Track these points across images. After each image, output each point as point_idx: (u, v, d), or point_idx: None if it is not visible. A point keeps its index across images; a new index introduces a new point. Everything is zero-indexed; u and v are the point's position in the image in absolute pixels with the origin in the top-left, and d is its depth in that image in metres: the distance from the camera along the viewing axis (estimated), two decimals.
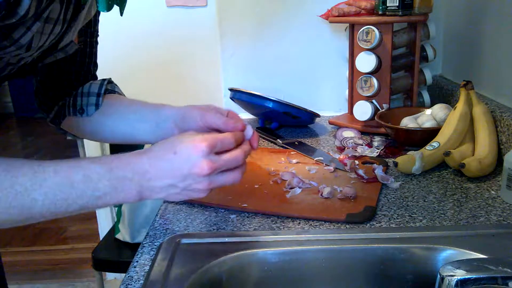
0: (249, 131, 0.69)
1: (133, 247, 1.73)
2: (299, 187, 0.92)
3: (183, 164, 0.60)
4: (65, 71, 0.85)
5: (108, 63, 0.95)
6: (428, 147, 1.02)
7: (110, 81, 0.90)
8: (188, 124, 0.74)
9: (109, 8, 0.68)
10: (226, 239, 0.74)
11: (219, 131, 0.69)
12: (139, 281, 0.66)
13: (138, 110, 0.83)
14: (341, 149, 1.14)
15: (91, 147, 2.30)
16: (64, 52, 0.76)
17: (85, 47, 0.85)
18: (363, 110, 1.25)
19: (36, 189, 0.56)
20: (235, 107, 1.42)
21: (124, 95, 0.91)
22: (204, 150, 0.59)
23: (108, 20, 0.92)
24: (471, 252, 0.69)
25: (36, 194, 0.56)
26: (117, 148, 1.98)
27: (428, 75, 1.34)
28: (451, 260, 0.60)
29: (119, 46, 2.14)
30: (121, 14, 0.75)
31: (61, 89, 0.86)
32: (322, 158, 1.08)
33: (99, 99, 0.84)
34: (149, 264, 0.70)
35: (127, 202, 0.62)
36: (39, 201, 0.56)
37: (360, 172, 0.97)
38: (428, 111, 1.19)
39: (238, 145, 0.64)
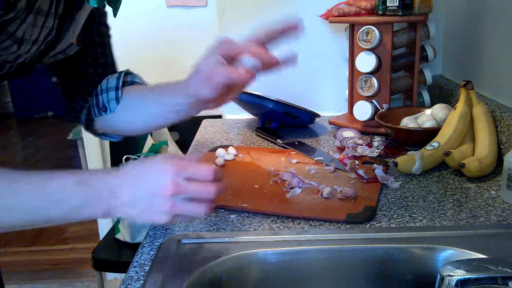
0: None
1: (133, 247, 1.73)
2: (299, 187, 0.92)
3: (150, 182, 0.59)
4: (81, 71, 0.85)
5: None
6: (428, 147, 1.02)
7: (128, 73, 0.88)
8: (205, 98, 0.75)
9: (99, 3, 0.68)
10: (226, 239, 0.74)
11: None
12: (139, 281, 0.66)
13: (153, 105, 0.83)
14: (341, 149, 1.14)
15: (91, 147, 2.31)
16: (64, 53, 0.77)
17: (95, 47, 0.85)
18: (363, 110, 1.25)
19: (10, 197, 0.57)
20: (235, 107, 1.42)
21: (145, 84, 0.90)
22: (171, 171, 0.59)
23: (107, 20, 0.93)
24: (471, 252, 0.69)
25: (12, 202, 0.57)
26: (118, 147, 1.98)
27: (428, 75, 1.34)
28: (451, 260, 0.60)
29: (119, 46, 2.12)
30: (114, 15, 0.75)
31: (82, 88, 0.86)
32: (322, 158, 1.08)
33: (118, 92, 0.83)
34: (149, 264, 0.70)
35: (97, 217, 0.61)
36: (14, 209, 0.57)
37: (360, 172, 0.97)
38: (428, 111, 1.19)
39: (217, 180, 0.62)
